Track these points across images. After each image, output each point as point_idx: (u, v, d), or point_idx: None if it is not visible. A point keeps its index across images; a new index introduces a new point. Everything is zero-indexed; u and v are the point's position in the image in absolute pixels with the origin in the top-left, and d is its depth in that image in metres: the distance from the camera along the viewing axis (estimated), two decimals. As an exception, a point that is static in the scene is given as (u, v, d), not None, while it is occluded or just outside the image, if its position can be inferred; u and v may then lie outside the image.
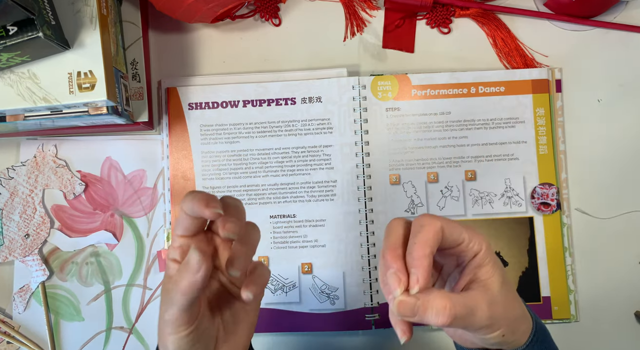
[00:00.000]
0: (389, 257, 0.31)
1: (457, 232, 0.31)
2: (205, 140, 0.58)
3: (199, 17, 0.54)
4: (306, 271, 0.56)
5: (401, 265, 0.30)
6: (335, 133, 0.57)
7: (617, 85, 0.58)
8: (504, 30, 0.59)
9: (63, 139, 0.59)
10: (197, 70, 0.60)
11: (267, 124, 0.58)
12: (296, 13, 0.60)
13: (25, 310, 0.57)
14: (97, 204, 0.59)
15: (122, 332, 0.57)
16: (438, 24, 0.59)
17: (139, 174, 0.59)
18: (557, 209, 0.56)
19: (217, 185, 0.57)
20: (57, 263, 0.58)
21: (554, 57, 0.59)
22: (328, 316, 0.56)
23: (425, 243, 0.30)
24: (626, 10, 0.59)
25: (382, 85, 0.58)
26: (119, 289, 0.58)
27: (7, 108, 0.48)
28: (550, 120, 0.57)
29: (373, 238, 0.56)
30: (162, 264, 0.58)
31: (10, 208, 0.58)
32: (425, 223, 0.31)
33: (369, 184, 0.57)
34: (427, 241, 0.30)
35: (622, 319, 0.56)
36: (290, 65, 0.59)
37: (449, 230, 0.31)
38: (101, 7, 0.48)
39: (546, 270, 0.55)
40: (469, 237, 0.31)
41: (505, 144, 0.57)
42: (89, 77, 0.47)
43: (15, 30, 0.42)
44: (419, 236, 0.30)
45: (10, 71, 0.47)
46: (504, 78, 0.57)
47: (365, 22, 0.60)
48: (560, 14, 0.58)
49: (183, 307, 0.31)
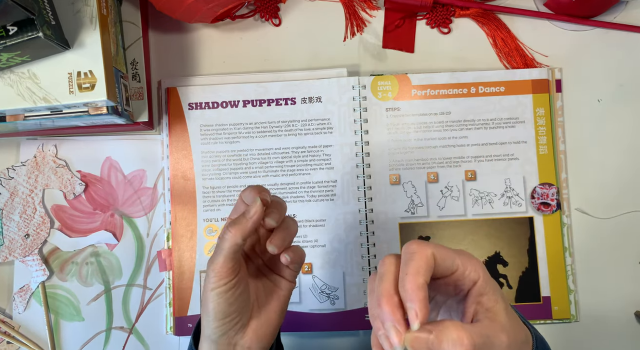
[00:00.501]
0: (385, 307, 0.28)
1: (450, 258, 0.29)
2: (205, 140, 0.58)
3: (199, 17, 0.54)
4: (306, 271, 0.56)
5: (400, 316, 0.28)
6: (335, 133, 0.57)
7: (617, 85, 0.58)
8: (504, 30, 0.59)
9: (63, 139, 0.59)
10: (197, 70, 0.60)
11: (267, 124, 0.58)
12: (296, 13, 0.60)
13: (25, 310, 0.57)
14: (97, 204, 0.59)
15: (122, 332, 0.57)
16: (438, 24, 0.59)
17: (139, 174, 0.59)
18: (557, 209, 0.56)
19: (217, 185, 0.57)
20: (57, 263, 0.58)
21: (554, 57, 0.59)
22: (328, 316, 0.56)
23: (417, 273, 0.28)
24: (626, 10, 0.59)
25: (382, 85, 0.58)
26: (119, 289, 0.58)
27: (7, 108, 0.48)
28: (550, 120, 0.57)
29: (373, 238, 0.56)
30: (162, 264, 0.58)
31: (10, 208, 0.58)
32: (414, 250, 0.29)
33: (369, 184, 0.57)
34: (419, 270, 0.28)
35: (622, 319, 0.56)
36: (290, 65, 0.59)
37: (441, 257, 0.29)
38: (101, 7, 0.48)
39: (546, 270, 0.55)
40: (462, 263, 0.29)
41: (505, 144, 0.57)
42: (89, 77, 0.47)
43: (15, 30, 0.42)
44: (410, 266, 0.28)
45: (10, 71, 0.47)
46: (504, 78, 0.57)
47: (365, 22, 0.60)
48: (560, 14, 0.58)
49: (228, 255, 0.35)
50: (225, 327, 0.37)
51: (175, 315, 0.56)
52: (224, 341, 0.37)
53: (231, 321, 0.37)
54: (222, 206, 0.57)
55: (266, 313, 0.39)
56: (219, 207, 0.57)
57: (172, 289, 0.57)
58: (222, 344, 0.38)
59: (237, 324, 0.37)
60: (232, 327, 0.37)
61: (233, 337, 0.38)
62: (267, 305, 0.40)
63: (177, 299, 0.56)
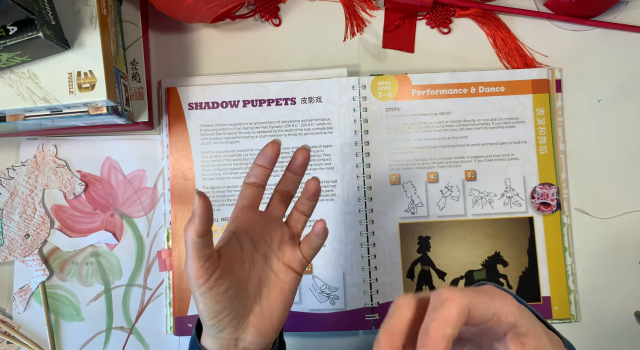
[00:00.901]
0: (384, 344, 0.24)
1: (485, 307, 0.25)
2: (205, 140, 0.58)
3: (199, 17, 0.54)
4: (306, 271, 0.56)
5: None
6: (335, 133, 0.57)
7: (617, 85, 0.58)
8: (504, 30, 0.59)
9: (63, 139, 0.59)
10: (197, 70, 0.60)
11: (267, 124, 0.58)
12: (296, 13, 0.60)
13: (25, 310, 0.57)
14: (97, 204, 0.59)
15: (122, 332, 0.57)
16: (438, 24, 0.59)
17: (139, 174, 0.59)
18: (557, 209, 0.56)
19: (217, 185, 0.57)
20: (57, 263, 0.58)
21: (554, 57, 0.59)
22: (328, 316, 0.56)
23: (447, 322, 0.23)
24: (626, 10, 0.59)
25: (382, 85, 0.58)
26: (119, 289, 0.58)
27: (7, 108, 0.48)
28: (550, 120, 0.57)
29: (373, 238, 0.56)
30: (162, 264, 0.58)
31: (10, 208, 0.58)
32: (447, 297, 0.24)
33: (369, 184, 0.57)
34: (449, 320, 0.23)
35: (622, 319, 0.56)
36: (290, 65, 0.59)
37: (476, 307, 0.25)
38: (101, 7, 0.48)
39: (546, 270, 0.56)
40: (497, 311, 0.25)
41: (505, 144, 0.57)
42: (89, 77, 0.47)
43: (15, 30, 0.42)
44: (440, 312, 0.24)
45: (10, 71, 0.47)
46: (504, 78, 0.57)
47: (365, 22, 0.60)
48: (560, 14, 0.58)
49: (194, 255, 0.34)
50: (221, 324, 0.36)
51: (175, 315, 0.56)
52: (224, 336, 0.37)
53: (224, 318, 0.36)
54: (222, 206, 0.57)
55: (268, 308, 0.39)
56: (219, 207, 0.57)
57: (172, 289, 0.57)
58: (223, 338, 0.37)
59: (233, 320, 0.37)
60: (229, 323, 0.37)
61: (234, 333, 0.37)
62: (268, 301, 0.39)
63: (177, 299, 0.56)
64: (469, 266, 0.56)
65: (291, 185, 0.41)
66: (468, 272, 0.56)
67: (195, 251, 0.34)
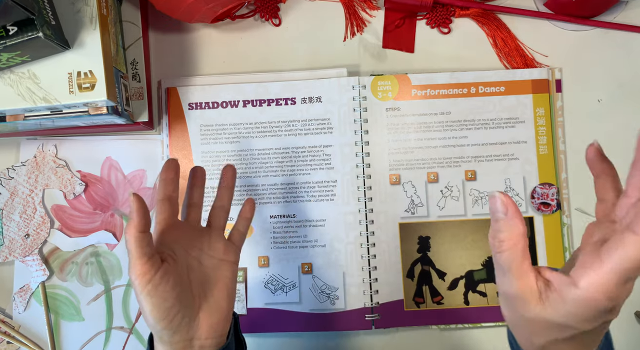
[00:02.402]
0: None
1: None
2: (205, 140, 0.58)
3: (199, 17, 0.54)
4: (306, 271, 0.56)
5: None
6: (335, 133, 0.57)
7: (617, 85, 0.58)
8: (504, 30, 0.59)
9: (63, 139, 0.59)
10: (197, 70, 0.60)
11: (267, 124, 0.58)
12: (296, 13, 0.60)
13: (25, 310, 0.57)
14: (97, 204, 0.59)
15: (122, 332, 0.57)
16: (438, 24, 0.59)
17: (139, 174, 0.59)
18: (557, 209, 0.56)
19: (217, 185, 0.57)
20: (57, 263, 0.58)
21: (554, 57, 0.59)
22: (328, 316, 0.56)
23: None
24: (626, 10, 0.59)
25: (382, 85, 0.58)
26: (119, 289, 0.58)
27: (7, 108, 0.48)
28: (550, 120, 0.57)
29: (373, 238, 0.56)
30: (162, 264, 0.58)
31: (10, 208, 0.58)
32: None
33: (369, 184, 0.57)
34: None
35: (622, 319, 0.56)
36: (290, 65, 0.59)
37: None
38: (101, 7, 0.48)
39: (546, 270, 0.55)
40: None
41: (505, 144, 0.57)
42: (89, 77, 0.47)
43: (15, 30, 0.42)
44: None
45: (10, 71, 0.47)
46: (504, 78, 0.57)
47: (365, 22, 0.60)
48: (560, 14, 0.58)
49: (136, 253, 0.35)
50: (172, 325, 0.36)
51: (175, 315, 0.56)
52: (178, 339, 0.36)
53: (175, 317, 0.36)
54: (222, 206, 0.57)
55: (215, 302, 0.39)
56: (219, 207, 0.57)
57: (172, 289, 0.56)
58: (177, 342, 0.37)
59: (184, 319, 0.36)
60: (180, 323, 0.36)
61: (187, 333, 0.37)
62: (213, 295, 0.39)
63: (177, 299, 0.56)
64: (469, 266, 0.56)
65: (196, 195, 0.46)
66: (468, 272, 0.56)
67: (139, 247, 0.35)
